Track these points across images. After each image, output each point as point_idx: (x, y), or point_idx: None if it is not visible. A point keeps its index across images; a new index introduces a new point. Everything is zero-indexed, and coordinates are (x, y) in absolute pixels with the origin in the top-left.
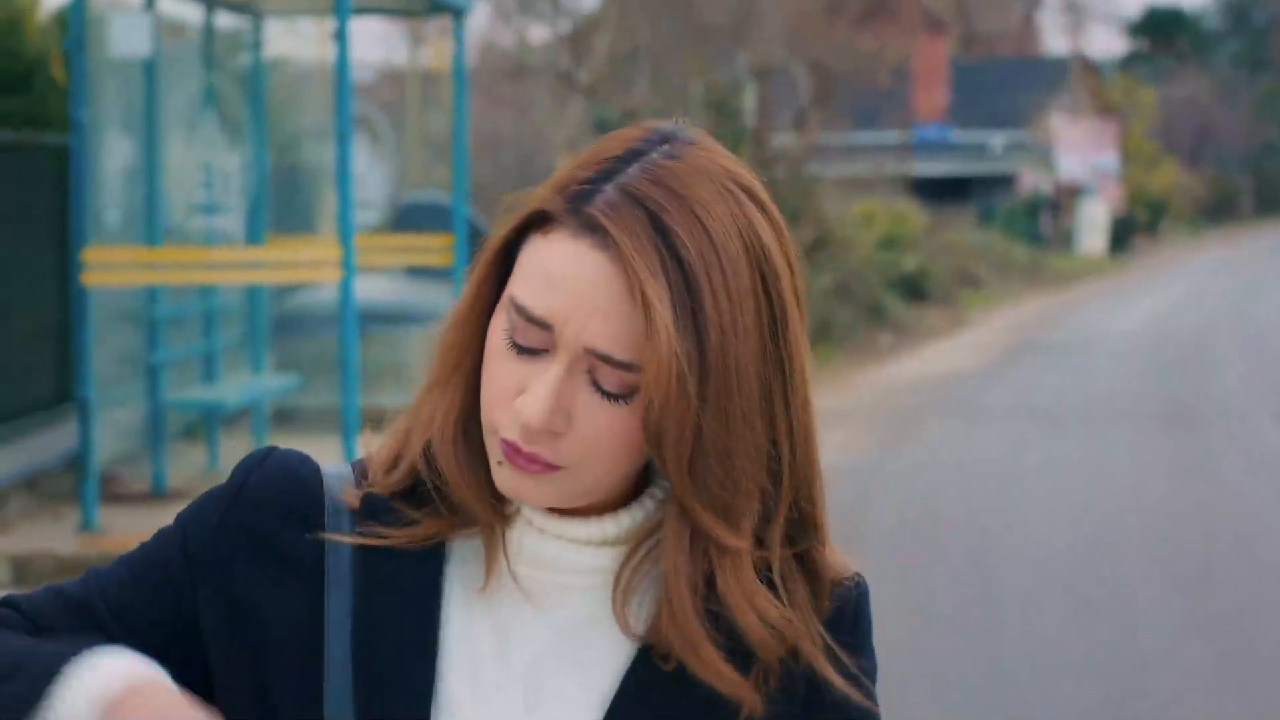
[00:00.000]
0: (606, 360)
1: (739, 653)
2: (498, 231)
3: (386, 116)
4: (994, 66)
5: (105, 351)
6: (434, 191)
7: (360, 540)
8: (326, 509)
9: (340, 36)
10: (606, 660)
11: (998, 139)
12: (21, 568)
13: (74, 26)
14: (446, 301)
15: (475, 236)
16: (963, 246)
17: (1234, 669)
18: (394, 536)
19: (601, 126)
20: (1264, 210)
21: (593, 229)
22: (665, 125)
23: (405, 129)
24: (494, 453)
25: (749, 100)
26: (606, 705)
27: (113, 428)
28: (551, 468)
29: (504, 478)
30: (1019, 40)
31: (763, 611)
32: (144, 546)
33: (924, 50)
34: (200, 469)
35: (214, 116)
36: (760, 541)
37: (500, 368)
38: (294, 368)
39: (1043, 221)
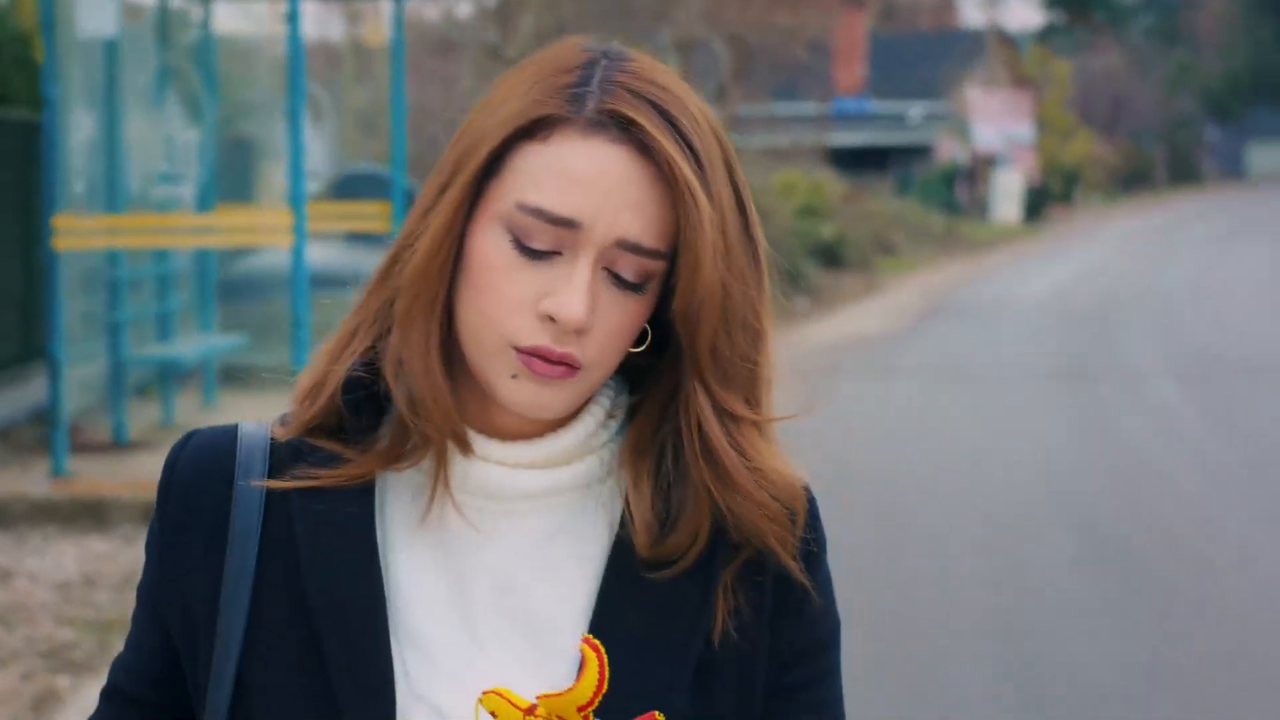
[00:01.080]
0: (636, 250)
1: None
2: (478, 150)
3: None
4: (913, 39)
5: (67, 312)
6: (369, 163)
7: (285, 485)
8: (238, 463)
9: (292, 18)
10: (578, 571)
11: (915, 110)
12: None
13: (45, 7)
14: None
15: (412, 204)
16: (880, 215)
17: (1116, 597)
18: (323, 476)
19: None
20: (1176, 180)
21: (603, 125)
22: (586, 40)
23: (341, 104)
24: (505, 367)
25: None
26: (590, 610)
27: (75, 383)
28: (572, 370)
29: (518, 391)
30: (938, 13)
31: (784, 465)
32: (137, 596)
33: (843, 24)
34: (156, 422)
35: (172, 93)
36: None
37: (509, 278)
38: (238, 329)
39: (959, 190)
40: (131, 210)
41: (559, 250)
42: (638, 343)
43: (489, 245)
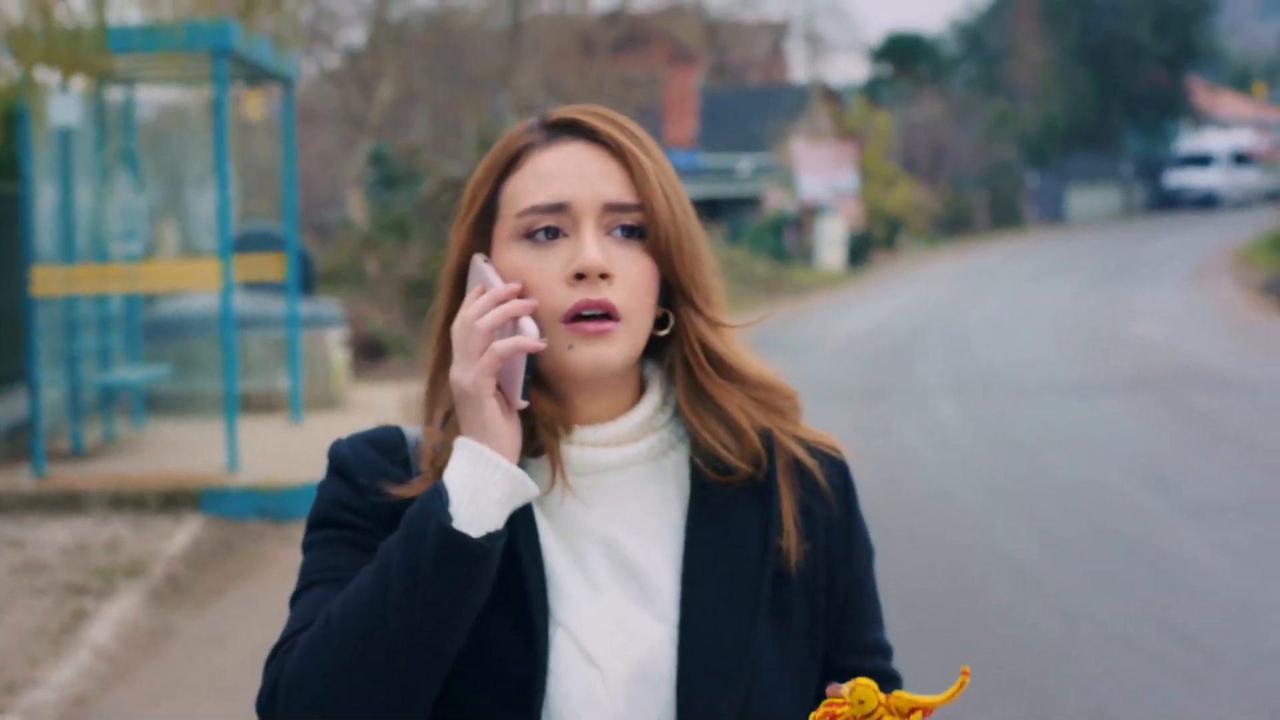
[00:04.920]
0: (621, 208)
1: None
2: (475, 200)
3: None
4: (742, 94)
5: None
6: (260, 221)
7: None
8: (409, 444)
9: (219, 105)
10: (662, 525)
11: (745, 163)
12: None
13: (23, 102)
14: (280, 308)
15: (302, 258)
16: None
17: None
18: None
19: (379, 161)
20: (996, 224)
21: (557, 134)
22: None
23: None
24: (563, 341)
25: None
26: (677, 554)
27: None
28: (614, 319)
29: (579, 357)
30: (767, 68)
31: (755, 361)
32: (315, 575)
33: (675, 80)
34: (100, 438)
35: (119, 166)
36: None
37: (536, 266)
38: (158, 362)
39: (787, 238)
40: (81, 263)
41: (563, 231)
42: (660, 325)
43: (513, 256)
